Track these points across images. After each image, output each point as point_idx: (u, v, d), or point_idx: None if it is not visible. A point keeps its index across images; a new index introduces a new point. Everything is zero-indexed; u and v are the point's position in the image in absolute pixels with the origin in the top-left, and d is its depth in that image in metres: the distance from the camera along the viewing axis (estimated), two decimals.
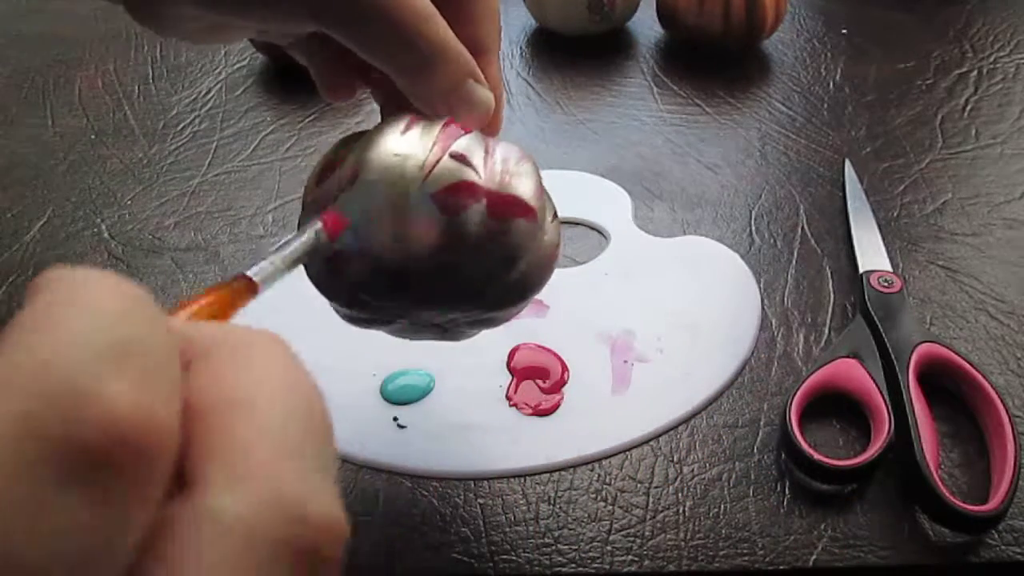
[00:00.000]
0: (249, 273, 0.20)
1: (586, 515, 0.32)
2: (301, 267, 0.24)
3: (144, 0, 0.27)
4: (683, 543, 0.31)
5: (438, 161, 0.24)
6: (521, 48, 0.63)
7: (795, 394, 0.34)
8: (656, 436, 0.35)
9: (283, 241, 0.22)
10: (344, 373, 0.37)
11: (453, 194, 0.24)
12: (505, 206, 0.25)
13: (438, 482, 0.33)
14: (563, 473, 0.34)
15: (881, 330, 0.37)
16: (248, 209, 0.47)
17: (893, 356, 0.35)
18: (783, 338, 0.39)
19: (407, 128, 0.25)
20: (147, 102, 0.57)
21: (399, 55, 0.25)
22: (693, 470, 0.34)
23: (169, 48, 0.63)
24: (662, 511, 0.32)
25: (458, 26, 0.26)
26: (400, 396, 0.36)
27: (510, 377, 0.37)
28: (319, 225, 0.23)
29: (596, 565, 0.31)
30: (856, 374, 0.35)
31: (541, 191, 0.26)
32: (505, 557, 0.31)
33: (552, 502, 0.33)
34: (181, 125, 0.55)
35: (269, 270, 0.21)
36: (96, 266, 0.43)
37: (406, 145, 0.24)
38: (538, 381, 0.37)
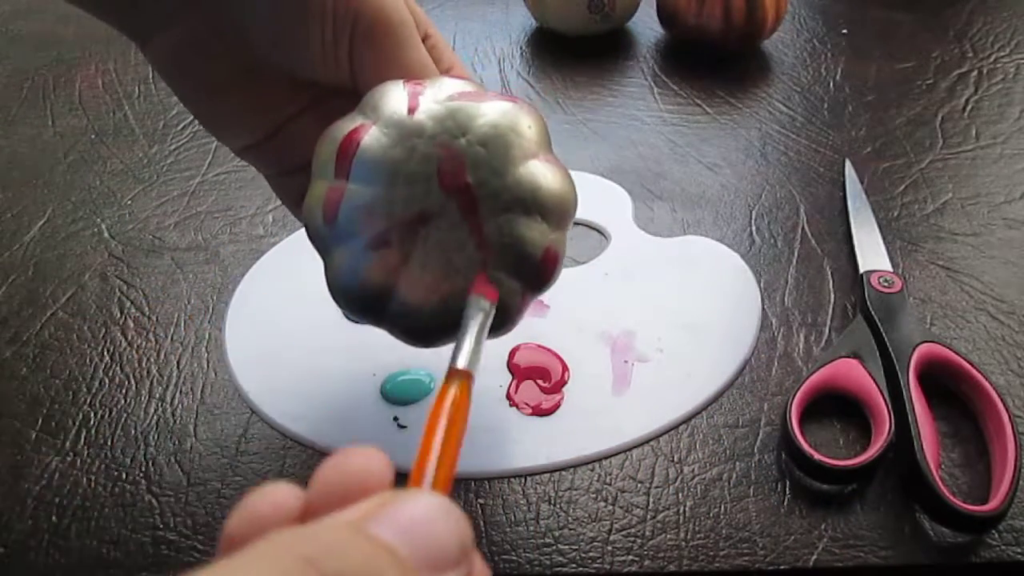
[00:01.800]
0: (460, 366, 0.21)
1: (586, 515, 0.32)
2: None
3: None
4: (683, 543, 0.31)
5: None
6: (521, 48, 0.63)
7: (795, 394, 0.34)
8: (656, 436, 0.35)
9: (463, 329, 0.24)
10: (344, 373, 0.37)
11: (467, 93, 0.26)
12: (513, 98, 0.27)
13: None
14: (563, 473, 0.34)
15: (881, 330, 0.37)
16: (248, 209, 0.47)
17: (893, 356, 0.35)
18: (783, 338, 0.39)
19: None
20: (147, 102, 0.57)
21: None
22: (693, 470, 0.34)
23: None
24: (662, 511, 0.32)
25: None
26: (400, 396, 0.36)
27: (510, 377, 0.37)
28: (483, 300, 0.25)
29: (596, 565, 0.31)
30: (856, 374, 0.35)
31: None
32: (505, 557, 0.31)
33: (552, 502, 0.33)
34: (181, 125, 0.55)
35: (471, 355, 0.22)
36: (96, 266, 0.44)
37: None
38: (538, 381, 0.37)
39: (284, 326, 0.40)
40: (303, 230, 0.46)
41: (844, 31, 0.64)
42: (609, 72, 0.60)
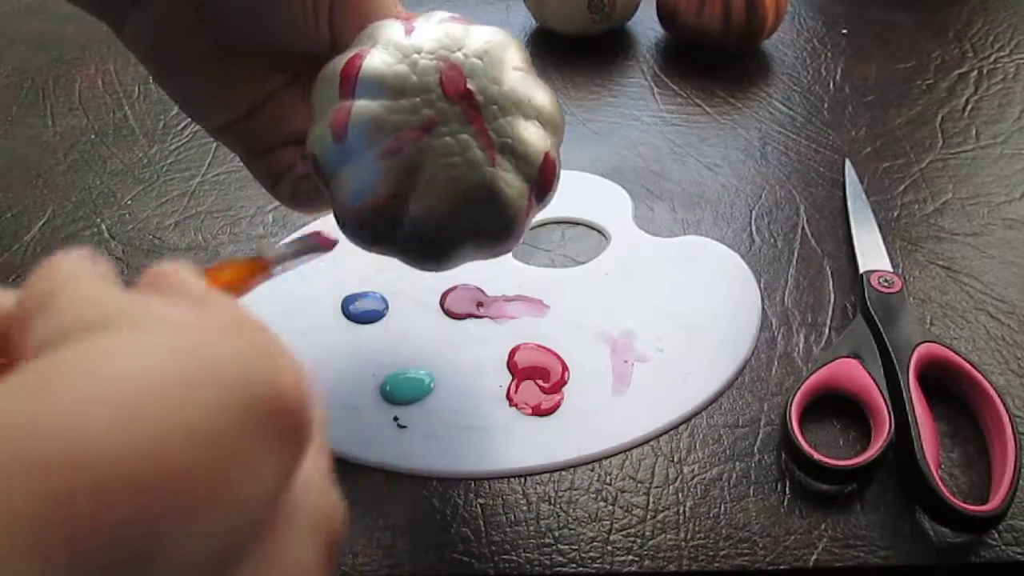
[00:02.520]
0: (265, 253, 0.24)
1: (586, 515, 0.32)
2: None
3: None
4: (683, 543, 0.31)
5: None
6: None
7: (795, 394, 0.34)
8: (656, 436, 0.35)
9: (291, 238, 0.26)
10: (344, 373, 0.37)
11: (456, 18, 0.28)
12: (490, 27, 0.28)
13: (438, 482, 0.33)
14: (563, 473, 0.34)
15: (881, 330, 0.37)
16: (248, 209, 0.47)
17: (893, 356, 0.35)
18: (783, 338, 0.39)
19: None
20: (147, 102, 0.57)
21: None
22: (693, 470, 0.34)
23: None
24: (662, 511, 0.32)
25: None
26: (400, 396, 0.36)
27: (510, 377, 0.37)
28: (312, 233, 0.28)
29: (596, 565, 0.31)
30: (856, 374, 0.35)
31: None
32: (505, 557, 0.31)
33: (552, 502, 0.33)
34: (181, 125, 0.55)
35: (279, 253, 0.25)
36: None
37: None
38: (538, 381, 0.37)
39: (284, 327, 0.40)
40: (303, 230, 0.47)
41: (844, 31, 0.64)
42: (609, 72, 0.60)
